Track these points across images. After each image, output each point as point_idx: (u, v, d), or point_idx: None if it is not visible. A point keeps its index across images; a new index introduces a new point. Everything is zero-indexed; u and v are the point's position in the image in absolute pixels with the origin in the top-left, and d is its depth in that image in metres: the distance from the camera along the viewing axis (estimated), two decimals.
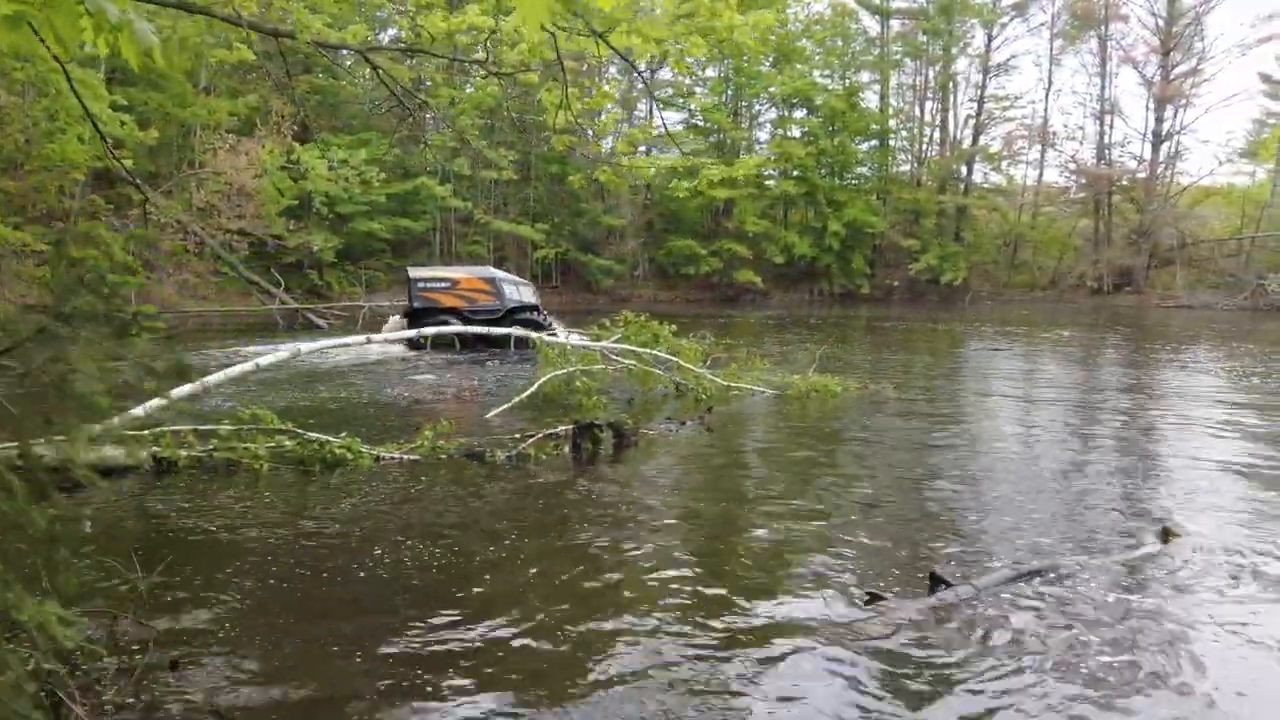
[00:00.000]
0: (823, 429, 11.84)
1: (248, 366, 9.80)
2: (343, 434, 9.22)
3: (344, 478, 8.57)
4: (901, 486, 8.66)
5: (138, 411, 8.88)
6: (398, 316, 22.14)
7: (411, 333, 15.11)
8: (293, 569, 6.02)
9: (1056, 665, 4.61)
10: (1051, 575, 5.87)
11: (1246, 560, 6.28)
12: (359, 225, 36.16)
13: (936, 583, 5.58)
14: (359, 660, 4.64)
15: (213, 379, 9.38)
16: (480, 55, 14.85)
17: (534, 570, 6.03)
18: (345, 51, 37.65)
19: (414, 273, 21.97)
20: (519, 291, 21.58)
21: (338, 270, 36.48)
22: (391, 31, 31.86)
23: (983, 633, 5.00)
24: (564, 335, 17.71)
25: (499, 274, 21.99)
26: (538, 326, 18.58)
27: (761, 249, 47.28)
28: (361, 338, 11.70)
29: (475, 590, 5.65)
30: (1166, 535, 6.76)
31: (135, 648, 4.57)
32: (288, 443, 9.02)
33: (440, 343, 19.60)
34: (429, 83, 33.52)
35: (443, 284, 21.11)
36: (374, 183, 26.34)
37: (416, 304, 20.62)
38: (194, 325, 26.65)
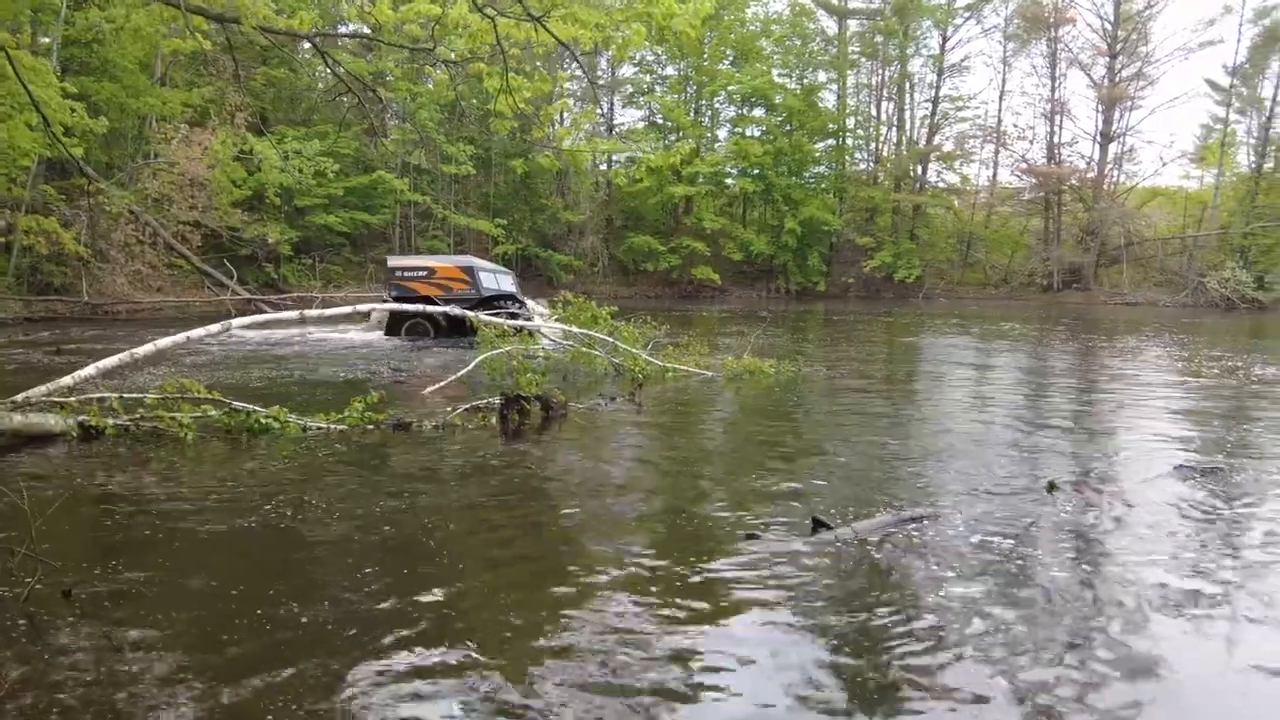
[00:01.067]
0: (751, 406, 12.17)
1: (178, 338, 9.93)
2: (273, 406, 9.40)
3: (271, 448, 8.74)
4: (808, 449, 9.00)
5: (66, 380, 9.04)
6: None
7: (346, 309, 15.26)
8: (214, 537, 6.11)
9: (915, 604, 4.93)
10: (931, 521, 6.21)
11: (1121, 510, 6.67)
12: (316, 218, 36.09)
13: (818, 525, 5.91)
14: (268, 620, 4.64)
15: (141, 350, 9.51)
16: (429, 45, 15.05)
17: (460, 537, 6.23)
18: (306, 45, 37.65)
19: (392, 261, 22.32)
20: (497, 280, 21.52)
21: (294, 264, 36.38)
22: (344, 31, 31.90)
23: (853, 571, 5.32)
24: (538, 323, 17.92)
25: (478, 262, 21.97)
26: (512, 316, 18.65)
27: (720, 246, 47.75)
28: (295, 313, 11.85)
29: (397, 557, 5.78)
30: (1051, 487, 7.14)
31: (29, 579, 4.74)
32: (214, 412, 9.17)
33: (415, 330, 20.25)
34: (390, 77, 33.61)
35: (420, 272, 21.35)
36: (329, 174, 26.42)
37: (394, 292, 20.82)
38: (146, 316, 26.53)
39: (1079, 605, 4.81)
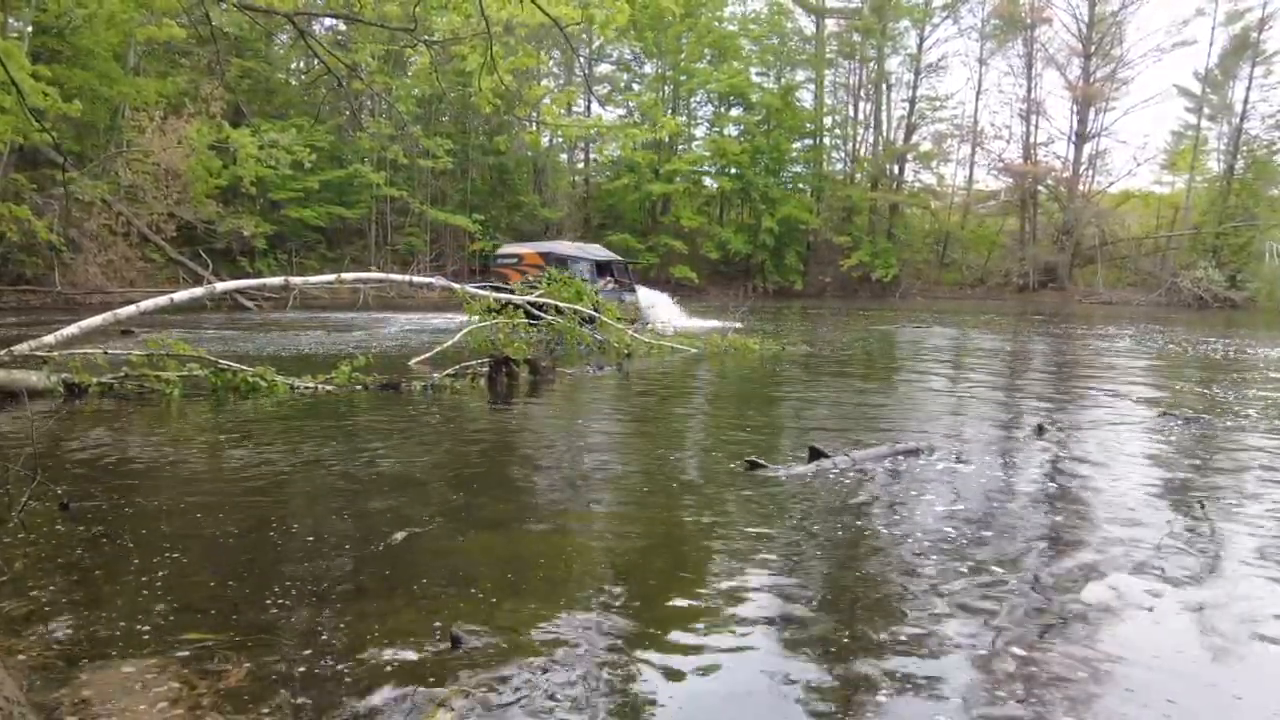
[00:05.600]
0: (737, 374, 12.18)
1: (160, 300, 9.79)
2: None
3: (256, 406, 8.63)
4: (797, 404, 9.01)
5: (48, 339, 8.89)
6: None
7: (330, 277, 15.01)
8: (201, 477, 6.05)
9: (907, 527, 4.92)
10: (926, 454, 6.22)
11: (1102, 450, 6.73)
12: (291, 212, 35.76)
13: (815, 455, 5.90)
14: (250, 582, 4.50)
15: (124, 310, 9.37)
16: (410, 26, 14.96)
17: (448, 498, 6.15)
18: (282, 37, 37.03)
19: (501, 250, 22.95)
20: (572, 268, 20.73)
21: (269, 258, 36.01)
22: (325, 10, 31.59)
23: (849, 496, 5.31)
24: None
25: (558, 249, 21.67)
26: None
27: (698, 245, 47.74)
28: (280, 280, 11.72)
29: (380, 511, 5.71)
30: (1040, 430, 7.19)
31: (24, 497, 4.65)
32: (200, 370, 9.05)
33: None
34: (364, 67, 33.37)
35: (511, 259, 21.35)
36: (306, 163, 26.23)
37: (493, 279, 20.82)
38: (120, 306, 26.14)
39: (1061, 541, 4.83)
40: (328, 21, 30.77)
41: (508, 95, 15.86)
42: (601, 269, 20.77)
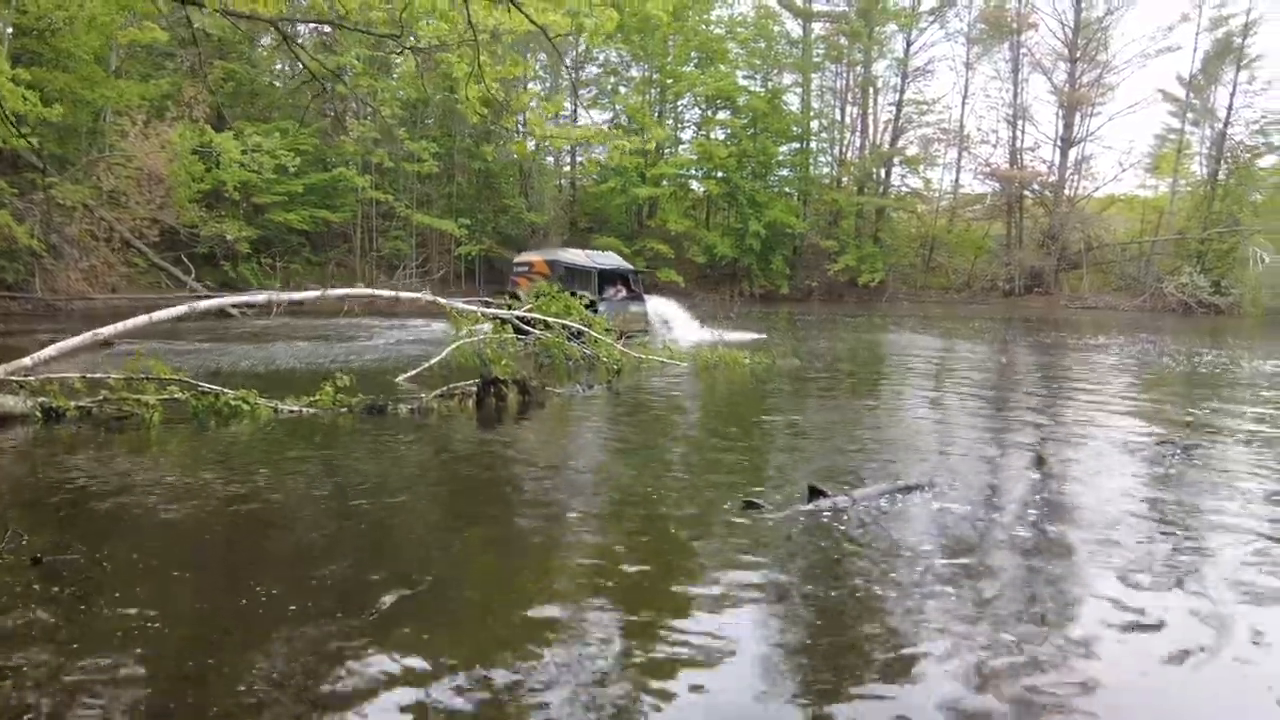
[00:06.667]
0: (729, 391, 12.03)
1: (140, 320, 9.57)
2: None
3: (239, 432, 8.43)
4: (795, 429, 8.87)
5: (25, 361, 8.66)
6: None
7: (314, 293, 14.79)
8: (181, 512, 5.83)
9: (916, 569, 4.79)
10: (927, 491, 6.09)
11: (1102, 486, 6.62)
12: (275, 216, 35.39)
13: (814, 494, 5.75)
14: (240, 608, 4.41)
15: (105, 330, 9.15)
16: (396, 32, 14.75)
17: (442, 522, 6.02)
18: (265, 40, 36.67)
19: (517, 258, 22.65)
20: (575, 279, 19.71)
21: (252, 262, 35.64)
22: (309, 17, 31.29)
23: (853, 538, 5.17)
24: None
25: (564, 256, 21.10)
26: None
27: (684, 249, 47.56)
28: (263, 296, 11.51)
29: (376, 542, 5.58)
30: (1040, 462, 7.08)
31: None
32: (180, 394, 8.84)
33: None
34: (349, 71, 33.12)
35: (523, 267, 21.12)
36: (290, 167, 25.94)
37: (510, 288, 20.70)
38: (102, 313, 25.78)
39: (1063, 579, 4.71)
40: (313, 24, 30.49)
41: (495, 104, 15.67)
42: (611, 278, 20.15)
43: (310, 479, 6.49)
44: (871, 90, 53.14)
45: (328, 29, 32.00)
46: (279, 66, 40.51)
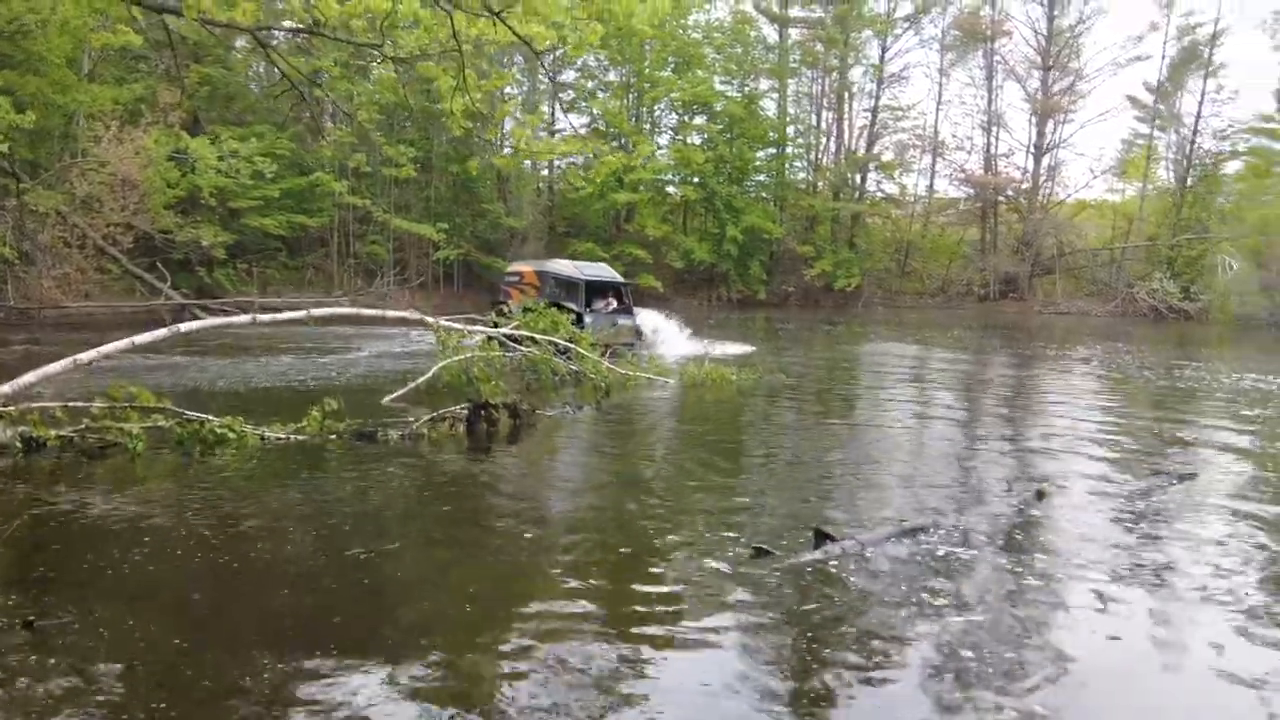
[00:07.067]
0: (717, 412, 11.99)
1: (123, 344, 9.36)
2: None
3: (226, 462, 8.27)
4: (791, 459, 8.83)
5: (4, 388, 8.46)
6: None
7: (300, 313, 14.56)
8: (172, 558, 5.68)
9: (931, 616, 4.76)
10: (934, 532, 6.06)
11: (1104, 515, 6.63)
12: (251, 221, 34.92)
13: (821, 538, 5.71)
14: (235, 647, 4.43)
15: (86, 355, 8.95)
16: (377, 41, 14.57)
17: (436, 553, 5.92)
18: (239, 42, 36.31)
19: (509, 268, 22.68)
20: (562, 291, 19.65)
21: (228, 268, 35.14)
22: (287, 25, 30.98)
23: (864, 584, 5.13)
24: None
25: (551, 267, 20.92)
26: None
27: (662, 254, 47.55)
28: (246, 317, 11.31)
29: (368, 578, 5.50)
30: (1040, 495, 7.07)
31: None
32: (164, 422, 8.66)
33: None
34: (326, 76, 32.81)
35: (514, 277, 20.90)
36: (268, 173, 25.61)
37: (500, 297, 20.80)
38: (77, 321, 25.34)
39: (1073, 626, 4.70)
40: (288, 24, 30.15)
41: (479, 116, 15.57)
42: (600, 290, 19.89)
43: (302, 521, 6.36)
44: (847, 96, 53.43)
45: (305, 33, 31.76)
46: (255, 70, 40.01)
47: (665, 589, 5.02)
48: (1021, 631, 4.51)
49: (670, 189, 50.38)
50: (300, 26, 17.53)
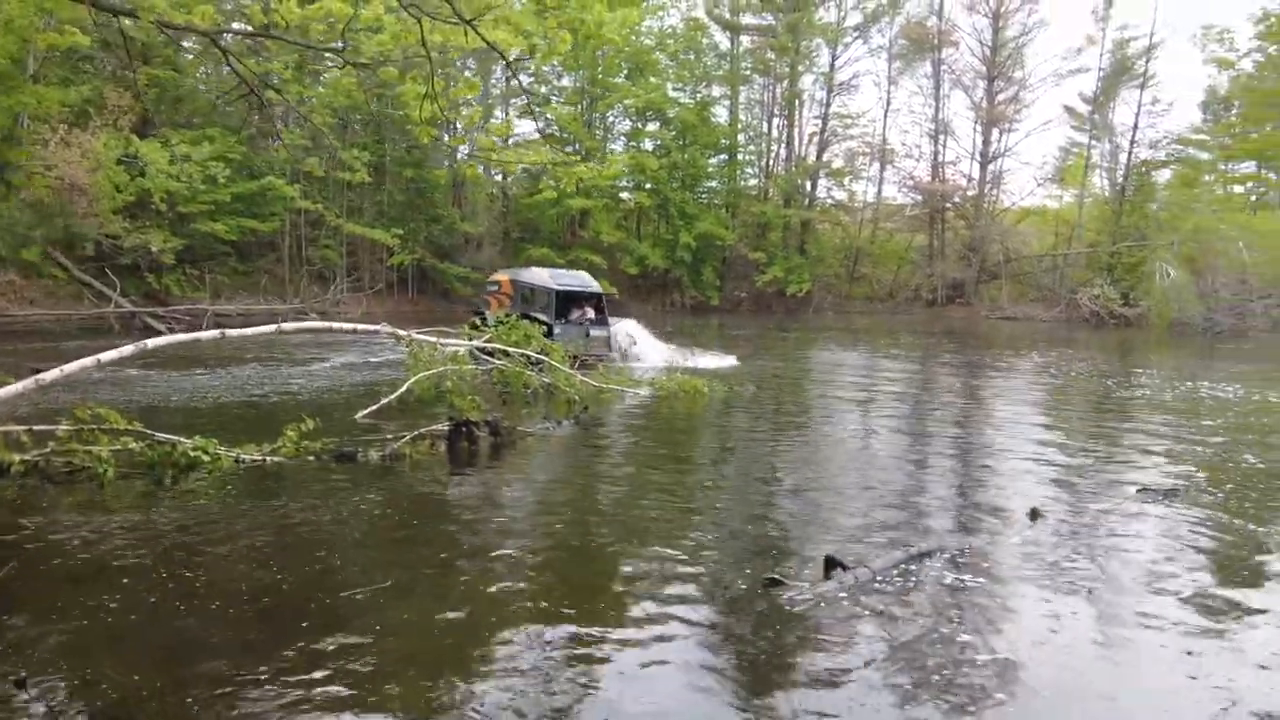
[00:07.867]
0: (693, 426, 11.99)
1: (87, 362, 9.05)
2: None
3: (199, 486, 8.04)
4: (773, 477, 8.85)
5: None
6: None
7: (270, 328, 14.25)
8: (148, 584, 5.50)
9: (944, 645, 4.79)
10: (941, 556, 6.11)
11: (1100, 535, 6.75)
12: (201, 225, 34.10)
13: (831, 566, 5.71)
14: (219, 679, 4.32)
15: (48, 375, 8.64)
16: (338, 46, 14.32)
17: (417, 576, 5.82)
18: (192, 40, 35.48)
19: (491, 276, 22.44)
20: (534, 300, 19.39)
21: (177, 273, 34.30)
22: (245, 28, 30.37)
23: (881, 612, 5.15)
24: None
25: (524, 276, 20.66)
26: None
27: (616, 259, 47.57)
28: (215, 333, 11.01)
29: (349, 604, 5.38)
30: (1034, 515, 7.18)
31: None
32: (134, 445, 8.39)
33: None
34: (277, 78, 32.17)
35: (493, 286, 20.57)
36: (220, 179, 25.07)
37: (481, 307, 20.48)
38: (22, 329, 24.50)
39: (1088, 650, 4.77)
40: (245, 36, 29.55)
41: (445, 123, 15.40)
42: (575, 299, 19.56)
43: (282, 551, 6.20)
44: (798, 104, 53.84)
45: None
46: (204, 70, 39.13)
47: (679, 622, 4.98)
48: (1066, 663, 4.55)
49: (624, 195, 50.41)
50: (258, 31, 17.23)
